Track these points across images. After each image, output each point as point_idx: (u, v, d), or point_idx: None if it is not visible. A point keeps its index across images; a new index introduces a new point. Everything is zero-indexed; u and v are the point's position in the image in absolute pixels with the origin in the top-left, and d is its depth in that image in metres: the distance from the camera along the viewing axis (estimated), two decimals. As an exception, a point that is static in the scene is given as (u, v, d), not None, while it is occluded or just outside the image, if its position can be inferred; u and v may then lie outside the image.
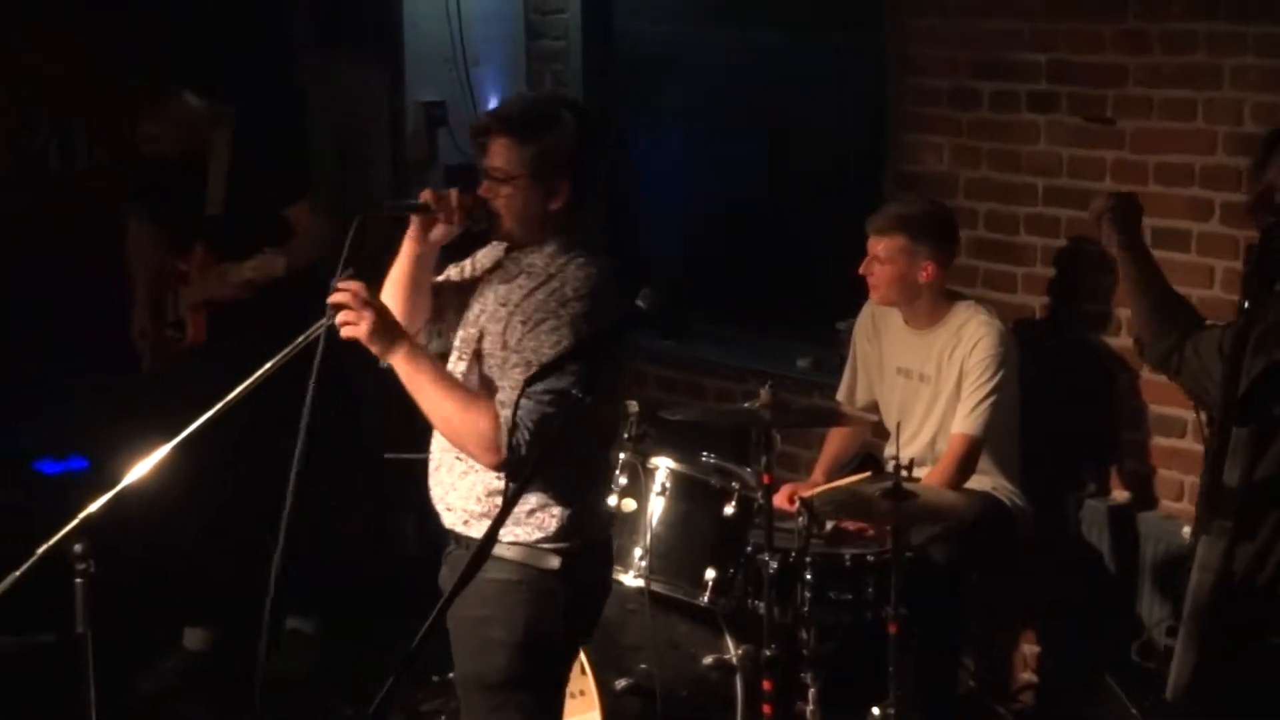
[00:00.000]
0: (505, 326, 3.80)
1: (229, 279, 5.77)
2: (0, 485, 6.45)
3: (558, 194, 3.80)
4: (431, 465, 4.05)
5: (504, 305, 3.84)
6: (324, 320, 3.90)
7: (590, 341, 3.43)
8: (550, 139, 3.77)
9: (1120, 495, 5.46)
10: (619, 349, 3.81)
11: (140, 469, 3.71)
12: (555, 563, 3.86)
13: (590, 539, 3.96)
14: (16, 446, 6.60)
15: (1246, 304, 3.28)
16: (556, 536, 3.86)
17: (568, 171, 3.79)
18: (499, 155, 3.80)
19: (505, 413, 3.68)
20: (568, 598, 3.92)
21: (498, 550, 3.80)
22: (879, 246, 5.23)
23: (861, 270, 5.28)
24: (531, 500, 3.84)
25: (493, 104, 7.03)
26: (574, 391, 3.52)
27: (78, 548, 3.56)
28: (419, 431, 4.04)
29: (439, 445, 4.00)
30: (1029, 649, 5.75)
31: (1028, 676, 5.77)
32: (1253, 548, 3.24)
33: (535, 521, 3.85)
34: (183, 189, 5.86)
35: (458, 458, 3.92)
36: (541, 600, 3.88)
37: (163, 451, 3.74)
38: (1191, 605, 3.26)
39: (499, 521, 3.14)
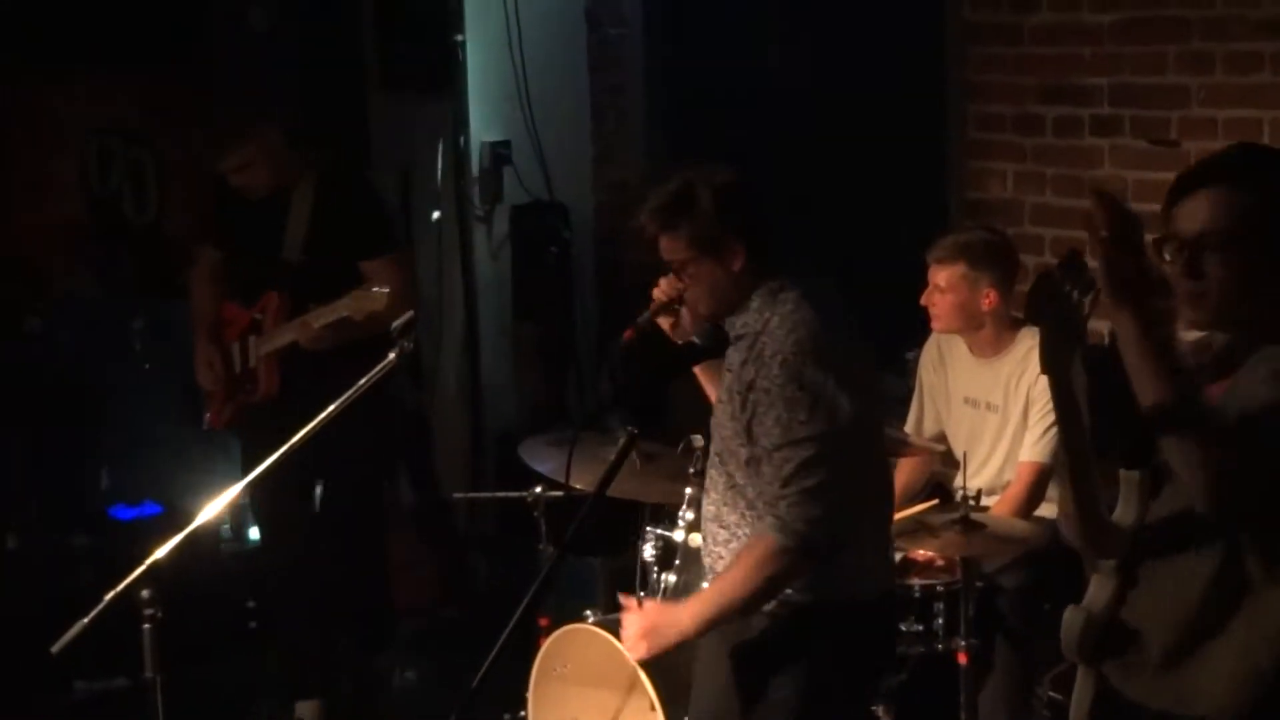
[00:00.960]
0: (742, 411, 3.74)
1: (316, 322, 5.44)
2: (77, 531, 6.55)
3: (734, 255, 3.81)
4: (703, 539, 4.03)
5: (732, 387, 3.81)
6: (390, 358, 3.94)
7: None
8: (693, 216, 3.80)
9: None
10: (859, 378, 3.79)
11: (208, 513, 3.75)
12: (817, 621, 3.80)
13: (855, 593, 3.86)
14: (93, 493, 6.69)
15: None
16: (816, 594, 3.80)
17: (729, 232, 3.80)
18: (667, 249, 3.86)
19: (773, 516, 3.68)
20: (839, 655, 3.86)
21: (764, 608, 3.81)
22: (939, 275, 5.20)
23: (923, 300, 5.26)
24: None
25: (557, 141, 7.09)
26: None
27: (145, 593, 3.59)
28: (484, 471, 4.07)
29: (703, 515, 3.99)
30: (1105, 678, 5.69)
31: (1105, 706, 5.70)
32: (1132, 588, 3.16)
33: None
34: (262, 231, 5.66)
35: (720, 525, 3.91)
36: (812, 660, 3.82)
37: (230, 494, 3.78)
38: (1063, 642, 3.20)
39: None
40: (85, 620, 3.59)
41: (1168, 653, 3.01)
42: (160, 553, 3.63)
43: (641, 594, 4.96)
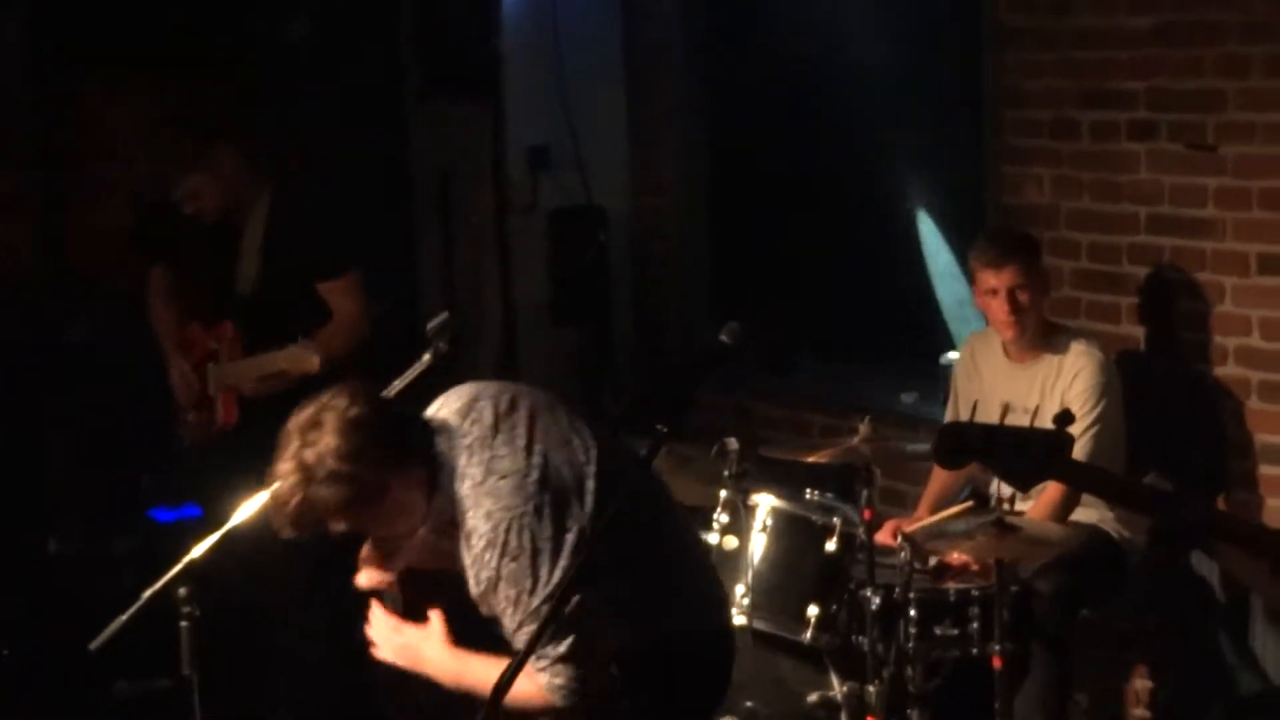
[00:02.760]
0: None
1: (255, 373, 5.44)
2: (118, 534, 6.59)
3: (401, 484, 3.57)
4: None
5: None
6: (425, 359, 3.96)
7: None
8: (339, 490, 3.48)
9: (1230, 525, 5.38)
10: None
11: (242, 514, 3.78)
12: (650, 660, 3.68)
13: (688, 629, 3.76)
14: (133, 496, 6.73)
15: None
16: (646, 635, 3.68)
17: (381, 475, 3.53)
18: (348, 528, 3.60)
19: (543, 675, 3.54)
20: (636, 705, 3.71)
21: None
22: (1015, 276, 5.14)
23: (1000, 302, 5.17)
24: None
25: (594, 145, 7.10)
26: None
27: (182, 592, 3.64)
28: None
29: None
30: (1141, 683, 5.68)
31: (1140, 712, 5.69)
32: None
33: None
34: (216, 254, 5.61)
35: None
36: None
37: (265, 496, 3.81)
38: None
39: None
40: (123, 617, 3.64)
41: None
42: (196, 552, 3.67)
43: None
